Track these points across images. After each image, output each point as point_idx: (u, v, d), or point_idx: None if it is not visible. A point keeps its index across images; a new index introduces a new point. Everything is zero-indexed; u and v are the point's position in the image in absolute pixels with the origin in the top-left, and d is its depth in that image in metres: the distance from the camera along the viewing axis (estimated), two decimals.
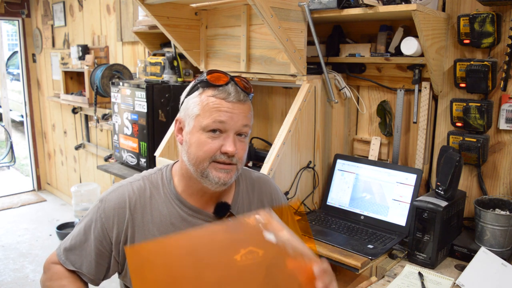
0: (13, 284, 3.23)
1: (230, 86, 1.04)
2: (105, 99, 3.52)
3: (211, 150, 1.02)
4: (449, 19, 1.69)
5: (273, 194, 1.27)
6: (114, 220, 1.08)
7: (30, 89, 5.15)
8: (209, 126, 1.02)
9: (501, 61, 1.58)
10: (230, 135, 1.02)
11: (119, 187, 1.12)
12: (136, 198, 1.09)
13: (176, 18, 2.14)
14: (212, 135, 1.02)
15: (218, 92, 1.03)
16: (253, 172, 1.29)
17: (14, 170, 6.48)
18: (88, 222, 1.10)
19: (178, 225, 1.09)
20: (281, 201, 1.28)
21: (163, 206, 1.10)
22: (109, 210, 1.08)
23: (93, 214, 1.10)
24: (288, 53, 1.72)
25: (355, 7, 1.64)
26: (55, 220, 4.42)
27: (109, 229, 1.08)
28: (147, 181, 1.13)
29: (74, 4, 4.13)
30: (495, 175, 1.67)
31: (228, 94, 1.02)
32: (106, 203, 1.09)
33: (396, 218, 1.71)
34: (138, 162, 2.52)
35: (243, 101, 1.04)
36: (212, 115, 1.01)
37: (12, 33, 11.44)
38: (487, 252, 1.43)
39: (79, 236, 1.11)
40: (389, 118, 1.93)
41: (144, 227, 1.08)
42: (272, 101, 2.44)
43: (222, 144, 1.02)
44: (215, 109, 1.02)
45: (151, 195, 1.11)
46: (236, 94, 1.03)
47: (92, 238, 1.09)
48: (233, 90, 1.03)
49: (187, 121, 1.07)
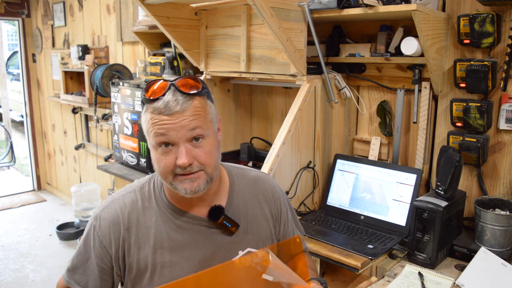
0: (13, 284, 3.23)
1: (167, 95, 0.98)
2: (105, 99, 3.52)
3: (167, 166, 1.00)
4: (449, 19, 1.69)
5: (272, 193, 1.25)
6: (111, 237, 1.07)
7: (30, 89, 5.15)
8: (157, 145, 1.00)
9: (501, 61, 1.58)
10: (180, 146, 0.98)
11: (111, 203, 1.11)
12: (129, 211, 1.09)
13: (176, 18, 2.14)
14: (164, 149, 0.99)
15: (156, 106, 0.98)
16: (252, 170, 1.28)
17: (14, 170, 6.48)
18: (86, 240, 1.10)
19: (173, 233, 1.08)
20: (281, 200, 1.27)
21: (157, 217, 1.09)
22: (105, 228, 1.08)
23: (90, 233, 1.10)
24: (288, 53, 1.72)
25: (355, 7, 1.64)
26: (55, 220, 4.42)
27: (107, 246, 1.07)
28: (139, 193, 1.12)
29: (74, 4, 4.13)
30: (495, 175, 1.67)
31: (164, 107, 0.97)
32: (101, 221, 1.09)
33: (396, 218, 1.71)
34: (138, 162, 2.52)
35: (183, 109, 0.98)
36: (152, 131, 0.99)
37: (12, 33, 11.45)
38: (487, 252, 1.43)
39: (80, 255, 1.11)
40: (389, 118, 1.93)
41: (139, 240, 1.07)
42: (272, 101, 2.44)
43: (176, 157, 0.99)
44: (154, 124, 0.98)
45: (143, 207, 1.10)
46: (174, 103, 0.97)
47: (93, 256, 1.09)
48: (170, 99, 0.97)
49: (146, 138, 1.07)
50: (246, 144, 2.32)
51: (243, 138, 2.51)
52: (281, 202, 1.26)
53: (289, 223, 1.28)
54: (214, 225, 1.11)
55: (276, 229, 1.24)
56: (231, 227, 1.11)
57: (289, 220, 1.28)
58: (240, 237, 1.14)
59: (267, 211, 1.21)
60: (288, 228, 1.27)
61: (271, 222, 1.22)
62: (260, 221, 1.19)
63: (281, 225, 1.25)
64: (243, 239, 1.14)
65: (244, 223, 1.15)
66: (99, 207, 1.13)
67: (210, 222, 1.10)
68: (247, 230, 1.16)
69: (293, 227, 1.30)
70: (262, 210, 1.20)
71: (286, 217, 1.27)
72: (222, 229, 1.11)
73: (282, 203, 1.26)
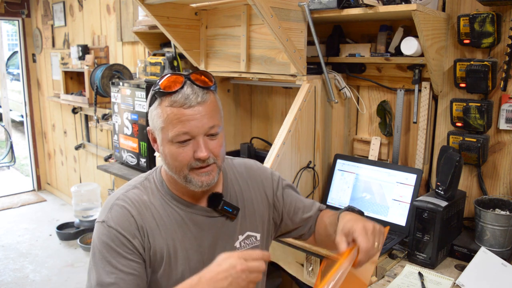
0: (13, 284, 3.23)
1: (185, 88, 0.99)
2: (105, 99, 3.52)
3: (185, 159, 1.01)
4: (449, 19, 1.69)
5: (261, 174, 1.26)
6: (129, 231, 1.03)
7: (30, 89, 5.15)
8: (175, 139, 1.00)
9: (501, 61, 1.58)
10: (199, 140, 1.00)
11: (114, 205, 1.07)
12: (137, 206, 1.07)
13: (176, 18, 2.14)
14: (182, 144, 1.00)
15: (175, 99, 0.98)
16: (236, 159, 1.28)
17: (14, 170, 6.48)
18: (104, 249, 1.02)
19: (180, 224, 1.10)
20: (272, 178, 1.27)
21: (162, 209, 1.09)
22: (117, 225, 1.03)
23: (105, 238, 1.02)
24: (288, 53, 1.72)
25: (355, 7, 1.64)
26: (55, 220, 4.42)
27: (132, 240, 1.04)
28: (142, 188, 1.12)
29: (74, 4, 4.13)
30: (495, 175, 1.67)
31: (185, 99, 0.98)
32: (112, 221, 1.04)
33: (396, 218, 1.71)
34: (138, 162, 2.52)
35: (203, 101, 1.00)
36: (175, 127, 0.99)
37: (12, 33, 11.44)
38: (487, 252, 1.43)
39: (106, 267, 1.00)
40: (389, 118, 1.93)
41: (153, 231, 1.07)
42: (272, 101, 2.44)
43: (194, 150, 1.01)
44: (176, 120, 0.98)
45: (149, 200, 1.10)
46: (194, 96, 0.99)
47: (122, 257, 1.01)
48: (190, 93, 0.99)
49: (156, 133, 1.06)
50: (246, 144, 2.32)
51: (243, 138, 2.51)
52: (273, 180, 1.27)
53: (288, 194, 1.28)
54: (216, 213, 1.13)
55: (274, 207, 1.26)
56: (232, 211, 1.13)
57: (287, 191, 1.28)
58: (239, 221, 1.17)
59: (261, 193, 1.24)
60: (288, 198, 1.27)
61: (265, 203, 1.24)
62: (256, 204, 1.22)
63: (280, 198, 1.26)
64: (242, 223, 1.18)
65: (242, 208, 1.18)
66: (103, 211, 1.07)
67: (213, 211, 1.13)
68: (245, 214, 1.19)
69: (295, 195, 1.29)
70: (255, 193, 1.23)
71: (282, 189, 1.27)
72: (225, 216, 1.14)
73: (274, 180, 1.27)
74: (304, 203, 1.30)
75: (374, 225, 1.01)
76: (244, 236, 1.18)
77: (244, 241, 1.18)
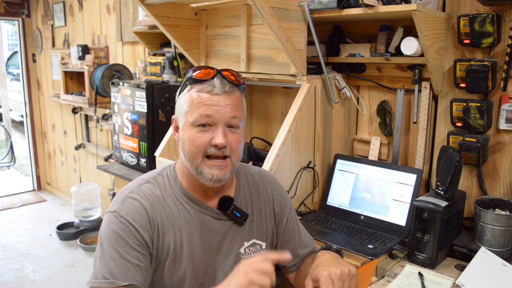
0: (13, 284, 3.23)
1: (215, 79, 1.05)
2: (105, 99, 3.52)
3: (202, 144, 1.03)
4: (449, 19, 1.69)
5: (274, 189, 1.27)
6: (140, 223, 1.04)
7: (30, 89, 5.15)
8: (197, 121, 1.03)
9: (501, 61, 1.58)
10: (219, 127, 1.03)
11: (127, 197, 1.07)
12: (150, 200, 1.08)
13: (176, 18, 2.14)
14: (202, 129, 1.03)
15: (203, 86, 1.04)
16: (251, 167, 1.31)
17: (14, 170, 6.48)
18: (112, 238, 1.02)
19: (189, 222, 1.10)
20: (284, 196, 1.29)
21: (172, 205, 1.10)
22: (129, 216, 1.04)
23: (114, 227, 1.03)
24: (288, 53, 1.72)
25: (355, 7, 1.64)
26: (55, 220, 4.42)
27: (142, 232, 1.04)
28: (154, 182, 1.13)
29: (74, 4, 4.13)
30: (495, 175, 1.67)
31: (213, 87, 1.03)
32: (124, 211, 1.04)
33: (396, 218, 1.71)
34: (138, 162, 2.52)
35: (229, 92, 1.05)
36: (198, 109, 1.03)
37: (12, 33, 11.44)
38: (487, 252, 1.43)
39: (114, 256, 1.01)
40: (389, 118, 1.93)
41: (164, 226, 1.08)
42: (272, 101, 2.44)
43: (212, 136, 1.03)
44: (201, 103, 1.03)
45: (162, 195, 1.11)
46: (221, 86, 1.04)
47: (130, 247, 1.02)
48: (218, 83, 1.04)
49: (179, 119, 1.09)
50: (246, 144, 2.32)
51: None
52: (283, 198, 1.28)
53: (291, 220, 1.29)
54: (225, 216, 1.14)
55: (276, 224, 1.26)
56: (240, 217, 1.14)
57: (292, 218, 1.29)
58: (247, 228, 1.17)
59: (269, 206, 1.24)
60: (289, 225, 1.28)
61: (272, 216, 1.24)
62: (264, 214, 1.22)
63: (283, 220, 1.27)
64: (249, 230, 1.18)
65: (250, 215, 1.18)
66: (115, 202, 1.08)
67: (222, 214, 1.13)
68: (253, 222, 1.19)
69: (296, 225, 1.30)
70: (264, 204, 1.23)
71: (288, 213, 1.28)
72: (233, 221, 1.15)
73: (284, 200, 1.28)
74: (302, 238, 1.30)
75: (343, 270, 0.99)
76: (250, 243, 1.18)
77: (250, 248, 1.18)
